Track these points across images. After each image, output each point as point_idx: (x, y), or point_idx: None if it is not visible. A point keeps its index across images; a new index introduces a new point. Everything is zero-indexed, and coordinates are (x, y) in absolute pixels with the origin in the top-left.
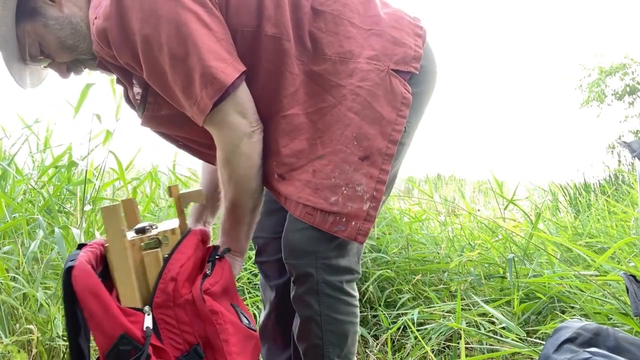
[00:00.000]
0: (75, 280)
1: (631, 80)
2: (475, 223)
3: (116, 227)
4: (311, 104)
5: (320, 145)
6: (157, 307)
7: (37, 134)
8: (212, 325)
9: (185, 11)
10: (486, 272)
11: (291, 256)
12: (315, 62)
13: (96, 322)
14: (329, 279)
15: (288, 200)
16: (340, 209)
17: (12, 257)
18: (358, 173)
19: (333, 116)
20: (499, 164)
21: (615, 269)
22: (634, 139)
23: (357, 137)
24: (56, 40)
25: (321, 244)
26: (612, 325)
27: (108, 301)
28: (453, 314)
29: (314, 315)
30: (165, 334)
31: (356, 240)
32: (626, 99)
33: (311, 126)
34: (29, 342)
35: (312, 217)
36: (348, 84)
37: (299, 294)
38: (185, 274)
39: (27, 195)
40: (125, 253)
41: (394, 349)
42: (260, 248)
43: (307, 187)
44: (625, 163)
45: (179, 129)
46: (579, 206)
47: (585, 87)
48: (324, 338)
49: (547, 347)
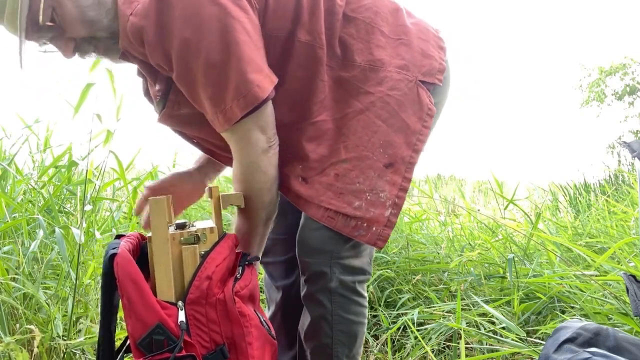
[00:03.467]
0: (118, 266)
1: (631, 80)
2: (475, 223)
3: (162, 219)
4: (338, 110)
5: (343, 149)
6: (190, 303)
7: (37, 134)
8: (239, 327)
9: (230, 18)
10: (486, 272)
11: (306, 254)
12: (344, 68)
13: (134, 309)
14: (342, 279)
15: (308, 203)
16: (363, 214)
17: (12, 257)
18: (382, 180)
19: (360, 122)
20: (499, 164)
21: (615, 269)
22: (633, 139)
23: (383, 144)
24: (76, 9)
25: (337, 244)
26: (612, 325)
27: (146, 290)
28: (453, 314)
29: (325, 314)
30: (194, 331)
31: (375, 245)
32: (626, 99)
33: (336, 131)
34: (30, 342)
35: (334, 220)
36: (377, 91)
37: (311, 292)
38: (220, 274)
39: (27, 195)
40: (167, 246)
41: (394, 349)
42: (266, 249)
43: (329, 191)
44: (625, 163)
45: (196, 129)
46: (579, 206)
47: (585, 87)
48: (333, 337)
49: (547, 347)
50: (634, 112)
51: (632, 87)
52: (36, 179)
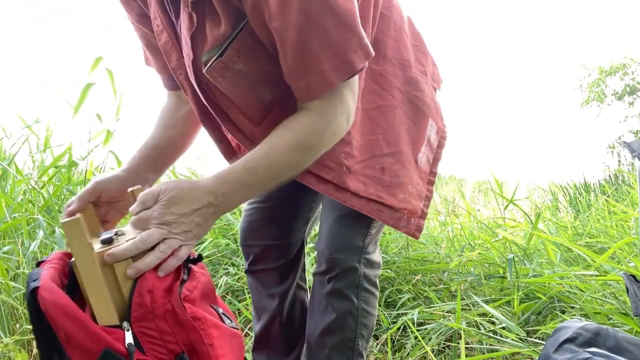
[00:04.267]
0: (45, 301)
1: (631, 80)
2: (475, 223)
3: (80, 241)
4: (369, 101)
5: (384, 142)
6: (136, 320)
7: (37, 134)
8: (195, 332)
9: None
10: (486, 272)
11: (340, 251)
12: (376, 61)
13: (75, 342)
14: (367, 273)
15: (355, 196)
16: (406, 206)
17: (12, 257)
18: (416, 174)
19: (395, 117)
20: (499, 164)
21: (615, 269)
22: (633, 139)
23: (412, 141)
24: None
25: (366, 238)
26: (612, 325)
27: (84, 319)
28: (453, 314)
29: (352, 309)
30: (148, 346)
31: (414, 235)
32: (626, 99)
33: (369, 122)
34: (29, 343)
35: (382, 213)
36: (405, 90)
37: (339, 288)
38: (162, 284)
39: (27, 195)
40: (95, 268)
41: (394, 348)
42: (256, 256)
43: (378, 184)
44: (625, 163)
45: (240, 92)
46: (579, 206)
47: (585, 87)
48: (357, 331)
49: (547, 347)
50: (634, 112)
51: (632, 87)
52: (36, 179)
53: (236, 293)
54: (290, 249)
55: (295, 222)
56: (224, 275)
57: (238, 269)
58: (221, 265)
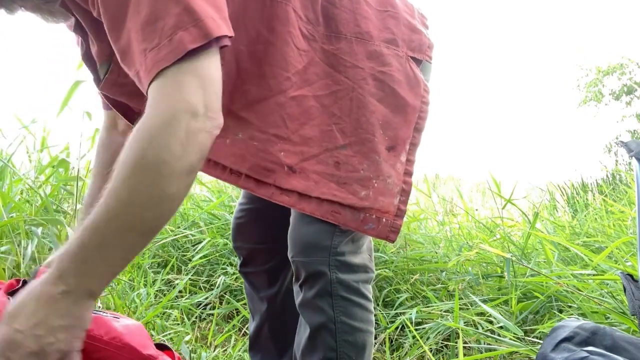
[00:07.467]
0: None
1: (628, 80)
2: (473, 222)
3: None
4: (321, 86)
5: (339, 133)
6: None
7: (34, 133)
8: None
9: None
10: (484, 271)
11: (301, 253)
12: (328, 40)
13: None
14: (343, 279)
15: (305, 198)
16: (371, 204)
17: (10, 257)
18: (387, 164)
19: (353, 101)
20: (496, 164)
21: (613, 268)
22: (631, 139)
23: (382, 125)
24: None
25: (335, 237)
26: (610, 324)
27: None
28: (451, 314)
29: (327, 323)
30: None
31: (387, 239)
32: (623, 99)
33: (322, 111)
34: None
35: (340, 215)
36: (367, 67)
37: (309, 298)
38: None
39: (24, 195)
40: None
41: (392, 348)
42: (245, 259)
43: (331, 181)
44: (622, 163)
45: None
46: (577, 206)
47: (583, 86)
48: (338, 350)
49: (545, 346)
50: (631, 111)
51: (629, 87)
52: (33, 178)
53: (234, 292)
54: (278, 252)
55: (282, 225)
56: (222, 274)
57: (236, 268)
58: (219, 265)
